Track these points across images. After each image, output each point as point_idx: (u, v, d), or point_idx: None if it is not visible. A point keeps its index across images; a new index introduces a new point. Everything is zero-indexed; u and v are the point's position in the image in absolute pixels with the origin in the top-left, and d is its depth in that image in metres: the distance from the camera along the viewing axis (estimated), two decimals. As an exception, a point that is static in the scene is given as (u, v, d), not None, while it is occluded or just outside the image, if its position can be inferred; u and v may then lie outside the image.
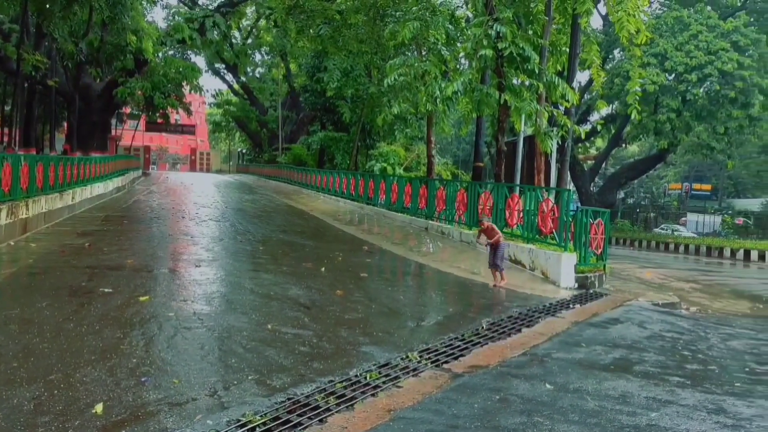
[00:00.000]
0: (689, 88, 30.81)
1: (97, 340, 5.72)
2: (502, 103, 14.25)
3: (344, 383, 4.97)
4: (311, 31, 22.74)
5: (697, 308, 11.71)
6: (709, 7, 34.21)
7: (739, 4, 37.48)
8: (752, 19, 33.27)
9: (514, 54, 13.49)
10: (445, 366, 5.71)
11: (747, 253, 31.64)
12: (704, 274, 21.60)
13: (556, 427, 4.40)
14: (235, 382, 4.84)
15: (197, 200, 24.63)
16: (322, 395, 4.66)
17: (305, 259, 11.67)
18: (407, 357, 5.83)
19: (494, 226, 10.87)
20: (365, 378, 5.12)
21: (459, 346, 6.41)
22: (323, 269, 10.64)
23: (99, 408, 4.18)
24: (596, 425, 4.49)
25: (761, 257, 30.63)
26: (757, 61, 30.94)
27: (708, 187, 58.30)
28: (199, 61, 48.49)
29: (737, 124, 31.58)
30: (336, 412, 4.41)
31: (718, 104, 31.28)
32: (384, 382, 5.08)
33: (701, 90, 31.17)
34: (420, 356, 5.89)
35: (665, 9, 39.31)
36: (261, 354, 5.63)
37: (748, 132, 32.67)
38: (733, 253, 32.53)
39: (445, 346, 6.35)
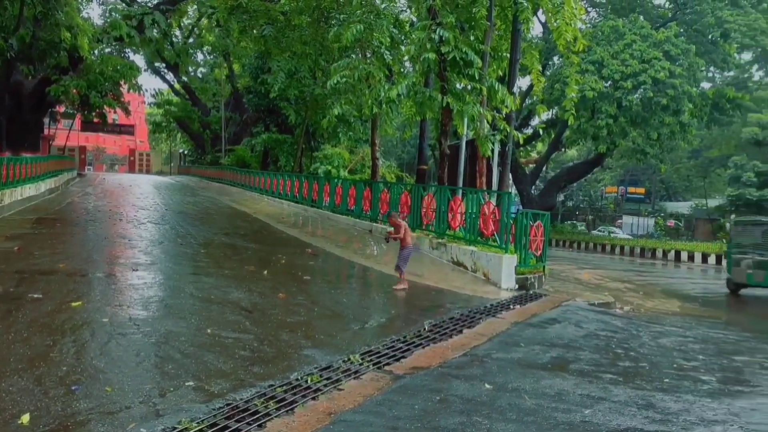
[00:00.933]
0: (625, 94, 31.92)
1: (24, 348, 5.48)
2: (444, 107, 14.41)
3: (285, 387, 4.92)
4: (254, 31, 22.47)
5: (631, 307, 12.13)
6: (642, 18, 35.54)
7: (670, 15, 39.12)
8: (682, 30, 34.73)
9: (457, 58, 13.68)
10: (386, 368, 5.73)
11: (677, 253, 33.00)
12: (638, 275, 22.40)
13: (495, 426, 4.48)
14: (172, 389, 4.72)
15: (136, 202, 23.95)
16: (262, 400, 4.60)
17: (248, 262, 11.51)
18: (349, 359, 5.82)
19: (402, 223, 10.41)
20: (306, 381, 5.08)
21: (401, 347, 6.44)
22: (266, 272, 10.52)
23: (25, 419, 4.00)
24: (533, 423, 4.58)
25: (690, 258, 32.00)
26: (687, 70, 32.32)
27: (642, 190, 60.61)
28: (138, 59, 47.17)
29: (669, 130, 32.91)
30: (276, 416, 4.36)
31: (652, 111, 32.52)
32: (325, 385, 5.05)
33: (636, 97, 32.32)
34: (362, 358, 5.89)
35: (602, 18, 40.66)
36: (200, 359, 5.51)
37: (679, 138, 34.08)
38: (665, 253, 33.89)
39: (387, 348, 6.36)
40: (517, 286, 11.23)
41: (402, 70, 20.61)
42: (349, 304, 8.96)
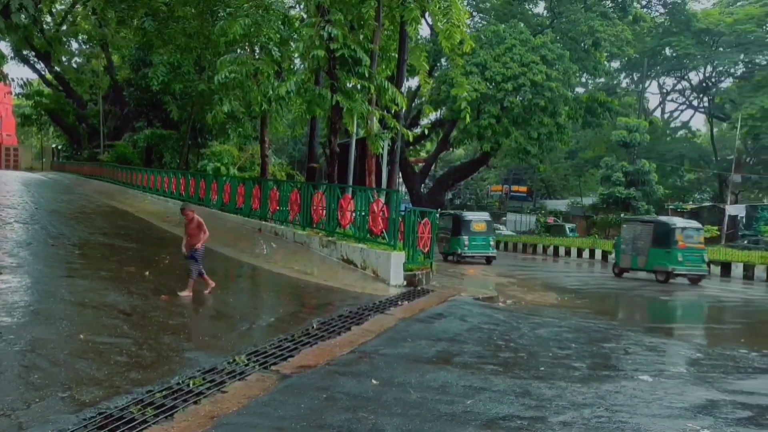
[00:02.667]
0: (506, 96, 33.36)
1: None
2: (334, 105, 14.40)
3: (164, 392, 4.71)
4: (134, 22, 21.37)
5: (513, 301, 12.70)
6: (522, 24, 37.27)
7: (547, 23, 41.31)
8: (558, 37, 36.78)
9: (346, 56, 13.71)
10: (273, 368, 5.64)
11: (556, 249, 34.99)
12: (520, 269, 23.52)
13: (380, 420, 4.53)
14: (38, 400, 4.39)
15: (1, 200, 22.10)
16: (139, 407, 4.38)
17: (128, 263, 10.94)
18: (234, 361, 5.68)
19: (198, 217, 9.18)
20: (188, 385, 4.90)
21: (288, 347, 6.37)
22: (147, 273, 10.05)
23: None
24: (417, 416, 4.68)
25: (567, 253, 34.03)
26: (563, 74, 34.26)
27: (524, 189, 63.64)
28: (4, 46, 43.44)
29: (548, 130, 34.75)
30: (154, 423, 4.17)
31: (531, 112, 34.21)
32: (208, 388, 4.90)
33: (517, 98, 33.86)
34: (248, 359, 5.76)
35: (485, 23, 42.25)
36: (71, 367, 5.17)
37: (557, 138, 36.07)
38: (545, 249, 35.85)
39: (275, 348, 6.27)
40: (405, 283, 11.43)
41: (292, 67, 20.37)
42: (236, 304, 8.75)
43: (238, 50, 18.73)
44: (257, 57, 17.01)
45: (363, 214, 12.96)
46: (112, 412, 4.26)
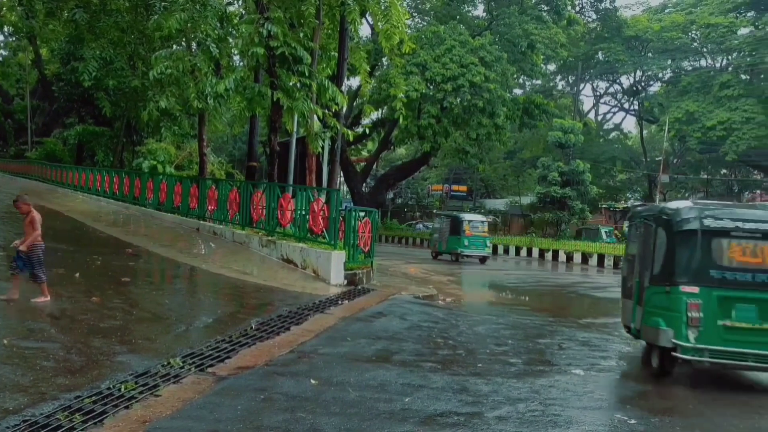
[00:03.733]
0: (446, 96, 33.77)
1: None
2: (275, 103, 14.25)
3: (94, 398, 4.56)
4: (64, 14, 20.51)
5: (452, 299, 12.87)
6: (461, 26, 37.80)
7: (485, 25, 42.04)
8: (496, 39, 37.48)
9: (287, 54, 13.57)
10: (209, 370, 5.53)
11: (495, 247, 35.61)
12: (460, 268, 23.85)
13: (318, 420, 4.51)
14: (-44, 410, 4.18)
15: None
16: (66, 413, 4.22)
17: (57, 265, 10.48)
18: (169, 363, 5.54)
19: (33, 214, 7.91)
20: (119, 390, 4.75)
21: (226, 348, 6.26)
22: (78, 275, 9.69)
23: None
24: (355, 414, 4.69)
25: (506, 251, 34.73)
26: (501, 76, 34.93)
27: (464, 188, 64.56)
28: None
29: (486, 131, 35.36)
30: (82, 430, 4.03)
31: (471, 113, 34.73)
32: (141, 392, 4.76)
33: (457, 99, 34.31)
34: (183, 362, 5.64)
35: (425, 24, 42.67)
36: (-7, 374, 4.93)
37: (495, 139, 36.76)
38: (485, 247, 36.40)
39: (212, 350, 6.16)
40: (345, 282, 11.41)
41: (231, 64, 20.01)
42: (172, 306, 8.55)
43: (175, 46, 18.27)
44: (194, 53, 16.61)
45: (303, 213, 12.88)
46: (38, 420, 4.09)
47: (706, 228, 6.57)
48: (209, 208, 16.49)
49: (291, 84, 14.83)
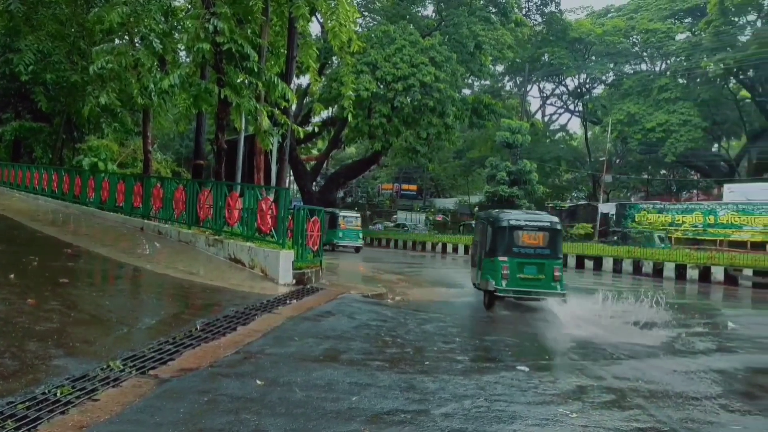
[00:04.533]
0: (397, 96, 33.92)
1: None
2: (222, 100, 14.00)
3: (27, 403, 4.38)
4: None
5: (401, 297, 12.90)
6: (411, 25, 38.05)
7: (435, 25, 42.41)
8: (446, 40, 37.86)
9: (234, 50, 13.35)
10: (151, 372, 5.39)
11: (444, 246, 35.98)
12: (409, 266, 24.01)
13: (263, 421, 4.45)
14: None
15: None
16: (-3, 421, 4.04)
17: (-10, 266, 10.07)
18: (108, 367, 5.37)
19: None
20: (55, 395, 4.58)
21: (169, 350, 6.12)
22: (12, 276, 9.29)
23: None
24: (302, 415, 4.64)
25: (455, 249, 35.10)
26: (450, 76, 35.31)
27: (414, 187, 65.03)
28: None
29: (436, 130, 35.71)
30: (14, 437, 3.86)
31: (421, 112, 35.01)
32: (78, 397, 4.60)
33: (407, 99, 34.52)
34: (123, 365, 5.47)
35: (376, 23, 42.73)
36: None
37: (445, 138, 37.15)
38: (433, 246, 36.79)
39: (154, 351, 6.00)
40: (294, 281, 11.31)
41: (177, 59, 19.56)
42: (113, 307, 8.29)
43: (117, 40, 17.76)
44: (138, 48, 16.17)
45: (252, 212, 12.70)
46: (-34, 428, 3.90)
47: (510, 225, 11.75)
48: (154, 206, 16.10)
49: (239, 81, 14.61)
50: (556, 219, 12.51)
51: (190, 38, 13.68)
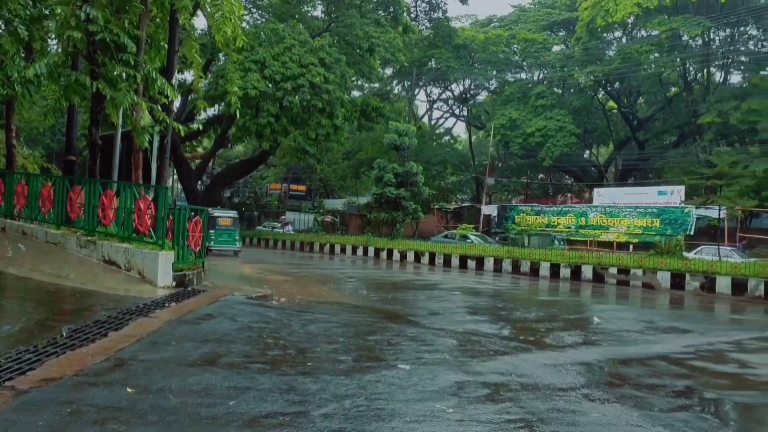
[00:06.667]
0: (286, 95, 33.57)
1: None
2: (96, 93, 13.22)
3: None
4: None
5: (287, 298, 12.75)
6: (301, 25, 37.83)
7: (325, 26, 42.41)
8: (335, 40, 37.96)
9: (109, 40, 12.65)
10: (7, 383, 4.97)
11: (332, 246, 36.02)
12: (297, 267, 23.83)
13: (132, 430, 4.24)
14: None
15: None
16: None
17: None
18: (-43, 380, 4.91)
19: None
20: None
21: (29, 359, 5.68)
22: None
23: None
24: (175, 422, 4.46)
25: (343, 250, 35.26)
26: (340, 78, 35.45)
27: (303, 188, 64.66)
28: None
29: (325, 131, 35.72)
30: None
31: (310, 113, 34.88)
32: None
33: (296, 98, 34.24)
34: (-25, 377, 5.02)
35: (264, 20, 42.08)
36: None
37: (334, 139, 37.25)
38: (321, 247, 36.76)
39: (12, 361, 5.55)
40: (174, 284, 10.89)
41: (46, 48, 18.24)
42: (-34, 315, 7.59)
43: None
44: (1, 34, 14.94)
45: (129, 211, 12.09)
46: None
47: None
48: (18, 205, 14.94)
49: (116, 74, 13.85)
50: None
51: (59, 25, 12.81)
